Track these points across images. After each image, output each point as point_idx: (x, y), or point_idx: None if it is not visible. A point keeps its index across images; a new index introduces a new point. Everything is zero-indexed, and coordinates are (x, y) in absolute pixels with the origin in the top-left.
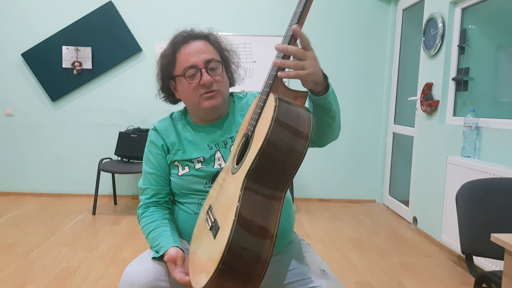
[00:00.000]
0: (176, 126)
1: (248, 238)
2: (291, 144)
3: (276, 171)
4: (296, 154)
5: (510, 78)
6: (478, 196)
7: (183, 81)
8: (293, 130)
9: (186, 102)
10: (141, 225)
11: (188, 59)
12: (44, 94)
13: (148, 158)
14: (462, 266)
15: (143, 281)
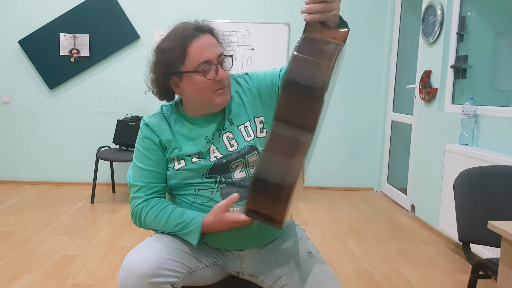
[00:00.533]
0: (169, 121)
1: (276, 159)
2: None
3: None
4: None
5: (508, 65)
6: (475, 184)
7: (194, 77)
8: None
9: (192, 98)
10: (150, 218)
11: (202, 54)
12: (41, 82)
13: (144, 155)
14: (459, 254)
15: (144, 269)
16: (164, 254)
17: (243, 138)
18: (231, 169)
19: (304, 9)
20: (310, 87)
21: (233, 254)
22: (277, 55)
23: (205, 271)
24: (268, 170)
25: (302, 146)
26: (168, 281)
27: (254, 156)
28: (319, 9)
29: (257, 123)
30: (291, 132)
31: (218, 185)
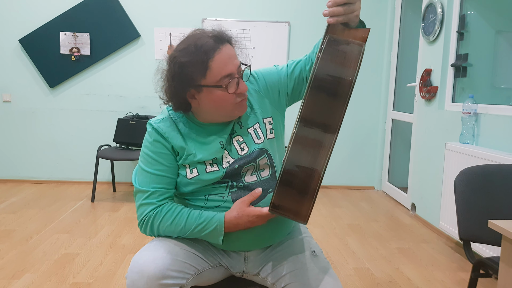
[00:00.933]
0: (178, 126)
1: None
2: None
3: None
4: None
5: (509, 64)
6: (476, 182)
7: (215, 91)
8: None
9: (210, 110)
10: (166, 223)
11: (224, 67)
12: (42, 80)
13: (154, 159)
14: (460, 252)
15: (153, 270)
16: (173, 255)
17: (253, 141)
18: (242, 173)
19: (327, 12)
20: (337, 89)
21: (239, 255)
22: (278, 54)
23: (210, 272)
24: (295, 165)
25: (327, 145)
26: (178, 283)
27: (265, 159)
28: (342, 12)
29: (266, 124)
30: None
31: (229, 189)
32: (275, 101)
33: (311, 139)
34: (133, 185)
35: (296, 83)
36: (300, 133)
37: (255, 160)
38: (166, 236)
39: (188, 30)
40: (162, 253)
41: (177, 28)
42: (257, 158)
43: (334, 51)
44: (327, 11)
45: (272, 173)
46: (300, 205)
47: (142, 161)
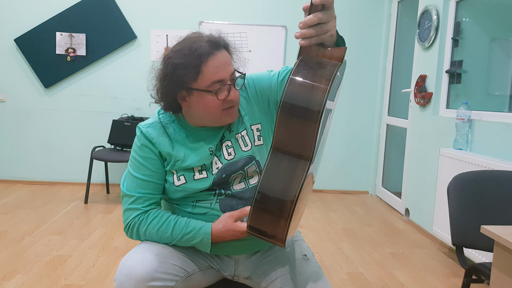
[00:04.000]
0: (167, 131)
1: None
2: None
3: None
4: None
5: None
6: (469, 188)
7: (205, 96)
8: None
9: (199, 114)
10: (152, 231)
11: (216, 73)
12: (37, 81)
13: (141, 164)
14: (452, 258)
15: (141, 272)
16: (162, 257)
17: (240, 148)
18: (230, 181)
19: (298, 34)
20: (306, 114)
21: (229, 258)
22: (274, 58)
23: (200, 275)
24: (270, 187)
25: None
26: (166, 285)
27: (253, 166)
28: (314, 33)
29: (254, 131)
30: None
31: (217, 196)
32: (264, 109)
33: (284, 166)
34: (121, 188)
35: None
36: (272, 160)
37: (243, 168)
38: (154, 241)
39: (184, 33)
40: (151, 255)
41: (174, 30)
42: (245, 166)
43: (304, 73)
44: (298, 33)
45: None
46: (276, 229)
47: (130, 165)
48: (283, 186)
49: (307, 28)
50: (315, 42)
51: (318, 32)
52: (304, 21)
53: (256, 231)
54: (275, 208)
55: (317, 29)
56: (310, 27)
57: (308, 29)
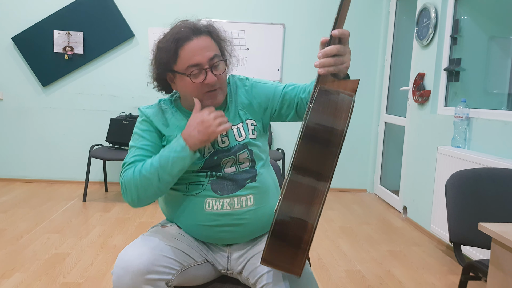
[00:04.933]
0: (165, 114)
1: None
2: (330, 126)
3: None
4: (336, 133)
5: (501, 69)
6: (467, 186)
7: (184, 78)
8: (330, 115)
9: (185, 95)
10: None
11: (192, 57)
12: (34, 79)
13: (141, 136)
14: (450, 255)
15: (138, 266)
16: (158, 251)
17: (235, 138)
18: (222, 165)
19: (317, 63)
20: (329, 139)
21: (221, 250)
22: (272, 56)
23: (197, 269)
24: (288, 216)
25: (320, 195)
26: (163, 278)
27: (245, 153)
28: (332, 63)
29: (248, 125)
30: (308, 181)
31: (209, 178)
32: (261, 112)
33: (304, 188)
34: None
35: (287, 105)
36: (293, 181)
37: (235, 154)
38: (146, 188)
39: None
40: (147, 249)
41: None
42: (237, 152)
43: (325, 101)
44: (317, 62)
45: (251, 166)
46: (293, 260)
47: (132, 139)
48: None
49: (326, 58)
50: (332, 71)
51: (336, 62)
52: (323, 51)
53: (271, 264)
54: (294, 235)
55: (335, 60)
56: (329, 57)
57: (327, 59)
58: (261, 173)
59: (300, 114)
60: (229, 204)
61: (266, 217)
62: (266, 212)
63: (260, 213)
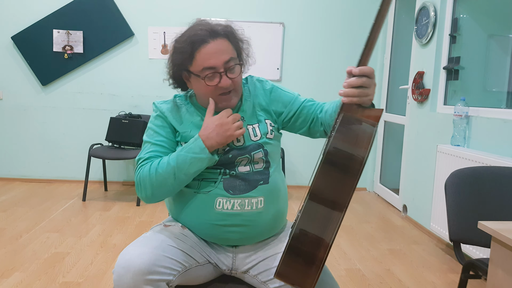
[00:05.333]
0: (180, 109)
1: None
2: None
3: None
4: (356, 162)
5: (500, 67)
6: (466, 184)
7: (199, 80)
8: (351, 143)
9: (200, 96)
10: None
11: (207, 60)
12: (34, 78)
13: (155, 131)
14: (450, 254)
15: (139, 265)
16: (159, 251)
17: (250, 137)
18: (236, 163)
19: (342, 92)
20: (349, 168)
21: (226, 251)
22: (272, 54)
23: (198, 270)
24: (304, 232)
25: (335, 220)
26: (164, 279)
27: (260, 154)
28: (356, 94)
29: (267, 125)
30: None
31: (222, 176)
32: (276, 116)
33: (319, 213)
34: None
35: (302, 119)
36: (308, 206)
37: (250, 153)
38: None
39: (182, 30)
40: (149, 248)
41: (171, 27)
42: (252, 151)
43: (347, 129)
44: (342, 92)
45: (265, 166)
46: (306, 276)
47: (146, 134)
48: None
49: (351, 88)
50: (355, 102)
51: (360, 94)
52: (349, 82)
53: (284, 278)
54: (308, 252)
55: (359, 92)
56: (354, 88)
57: (351, 89)
58: (274, 176)
59: (312, 131)
60: (240, 204)
61: (274, 221)
62: (275, 215)
63: (269, 216)
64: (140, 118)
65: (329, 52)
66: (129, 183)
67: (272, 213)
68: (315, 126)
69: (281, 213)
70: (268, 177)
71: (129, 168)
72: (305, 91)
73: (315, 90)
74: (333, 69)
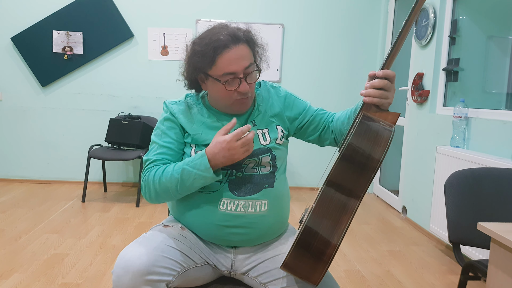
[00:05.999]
0: (191, 110)
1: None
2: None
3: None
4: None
5: (500, 68)
6: (466, 186)
7: (218, 84)
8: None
9: (215, 99)
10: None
11: (228, 65)
12: (33, 79)
13: (164, 132)
14: (449, 255)
15: (138, 266)
16: (159, 252)
17: (259, 141)
18: (244, 165)
19: (364, 92)
20: (366, 163)
21: (226, 252)
22: (271, 56)
23: (197, 271)
24: (316, 227)
25: (349, 211)
26: (164, 279)
27: (268, 157)
28: (377, 95)
29: (278, 131)
30: (340, 196)
31: (228, 177)
32: (287, 124)
33: (334, 204)
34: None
35: (314, 126)
36: (325, 194)
37: (258, 156)
38: (164, 193)
39: (182, 31)
40: (148, 249)
41: (171, 28)
42: (260, 155)
43: (367, 127)
44: (364, 92)
45: (272, 171)
46: (313, 270)
47: (154, 134)
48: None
49: (373, 89)
50: (375, 103)
51: (380, 95)
52: (371, 83)
53: (291, 270)
54: (318, 246)
55: (381, 93)
56: (375, 88)
57: (373, 90)
58: (280, 180)
59: (322, 139)
60: (244, 206)
61: (276, 224)
62: (277, 219)
63: (271, 220)
64: (140, 119)
65: (329, 54)
66: (128, 184)
67: (275, 217)
68: (326, 134)
69: (283, 217)
70: (273, 181)
71: (128, 169)
72: (304, 93)
73: (314, 91)
74: (332, 71)
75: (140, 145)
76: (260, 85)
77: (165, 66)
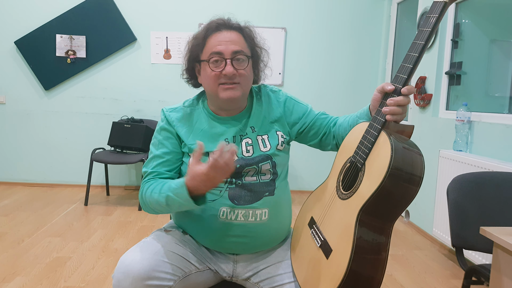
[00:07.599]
0: (191, 115)
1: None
2: (405, 186)
3: (388, 208)
4: (408, 194)
5: (502, 72)
6: (468, 190)
7: (205, 67)
8: (407, 175)
9: (206, 88)
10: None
11: (216, 46)
12: (37, 83)
13: (161, 142)
14: (452, 259)
15: (139, 270)
16: (159, 256)
17: (259, 148)
18: (243, 173)
19: (388, 110)
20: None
21: (227, 258)
22: (274, 59)
23: (198, 276)
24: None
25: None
26: (164, 285)
27: (268, 165)
28: (400, 112)
29: (279, 136)
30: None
31: (228, 185)
32: (287, 129)
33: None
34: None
35: (315, 131)
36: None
37: (257, 164)
38: (159, 210)
39: (185, 35)
40: (149, 254)
41: (174, 32)
42: (260, 162)
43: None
44: (388, 109)
45: (272, 178)
46: None
47: (152, 143)
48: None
49: (397, 107)
50: (397, 119)
51: (403, 112)
52: (396, 100)
53: None
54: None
55: (403, 110)
56: (399, 106)
57: (397, 108)
58: (280, 188)
59: (323, 144)
60: (244, 215)
61: (277, 232)
62: (278, 227)
63: (272, 228)
64: (143, 122)
65: (331, 57)
66: (131, 188)
67: (276, 225)
68: (327, 139)
69: (284, 225)
70: (274, 189)
71: (131, 173)
72: (307, 96)
73: (317, 95)
74: (334, 74)
75: (143, 149)
76: (260, 89)
77: (168, 70)
